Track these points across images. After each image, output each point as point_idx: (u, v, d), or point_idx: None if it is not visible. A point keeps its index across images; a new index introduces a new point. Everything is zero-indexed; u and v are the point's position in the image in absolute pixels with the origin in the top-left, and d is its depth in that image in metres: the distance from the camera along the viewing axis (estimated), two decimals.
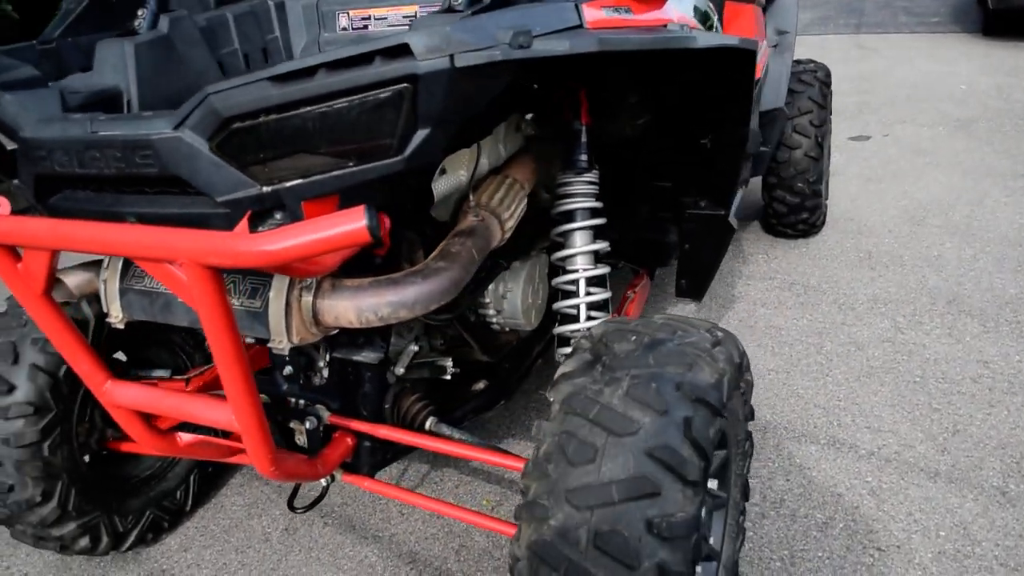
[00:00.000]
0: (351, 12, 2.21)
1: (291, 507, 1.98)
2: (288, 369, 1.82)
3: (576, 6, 1.30)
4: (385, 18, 2.18)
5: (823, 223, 3.81)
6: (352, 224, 1.09)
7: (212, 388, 2.13)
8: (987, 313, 3.08)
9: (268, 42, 2.23)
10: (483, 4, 1.44)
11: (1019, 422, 2.46)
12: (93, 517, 2.12)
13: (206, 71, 2.00)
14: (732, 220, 2.25)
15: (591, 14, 1.32)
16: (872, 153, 5.00)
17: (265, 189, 1.29)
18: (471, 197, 1.73)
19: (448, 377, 2.07)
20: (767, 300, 3.35)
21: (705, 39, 1.55)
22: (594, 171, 1.99)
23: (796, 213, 3.62)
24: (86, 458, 2.17)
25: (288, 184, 1.28)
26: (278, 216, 1.36)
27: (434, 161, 1.33)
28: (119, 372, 2.26)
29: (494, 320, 2.15)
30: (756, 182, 3.76)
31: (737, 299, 3.38)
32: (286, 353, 1.56)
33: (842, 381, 2.75)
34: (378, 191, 1.40)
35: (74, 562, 2.32)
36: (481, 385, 2.21)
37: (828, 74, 3.65)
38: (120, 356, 2.26)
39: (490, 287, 2.06)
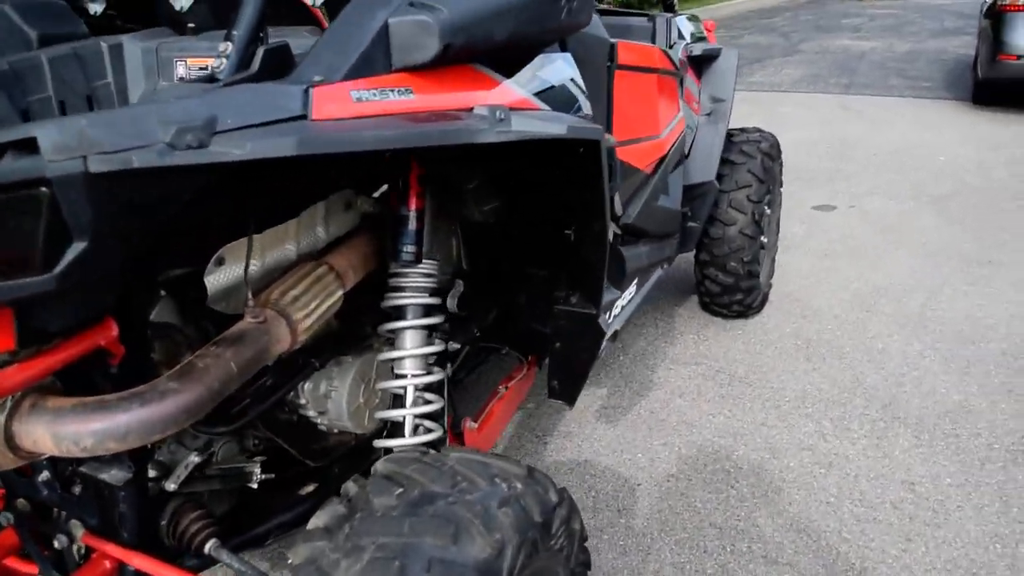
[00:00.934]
0: (189, 60, 1.96)
1: None
2: (45, 474, 1.55)
3: (306, 91, 1.04)
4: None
5: (761, 304, 3.54)
6: None
7: None
8: (923, 423, 2.79)
9: (96, 88, 1.97)
10: (249, 73, 1.20)
11: (936, 562, 2.16)
12: None
13: (2, 122, 1.75)
14: (603, 323, 1.97)
15: (329, 101, 1.06)
16: (834, 225, 4.73)
17: None
18: (249, 296, 1.46)
19: (254, 486, 1.79)
20: (686, 390, 3.06)
21: (519, 127, 1.29)
22: (428, 262, 1.72)
23: (730, 294, 3.34)
24: None
25: None
26: None
27: (101, 279, 1.07)
28: None
29: (318, 422, 1.87)
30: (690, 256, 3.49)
31: (655, 386, 3.10)
32: None
33: (747, 495, 2.45)
34: (68, 300, 1.14)
35: None
36: (311, 489, 1.93)
37: (774, 145, 3.39)
38: None
39: (306, 387, 1.79)
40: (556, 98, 1.61)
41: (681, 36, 2.92)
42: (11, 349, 1.13)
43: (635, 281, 2.56)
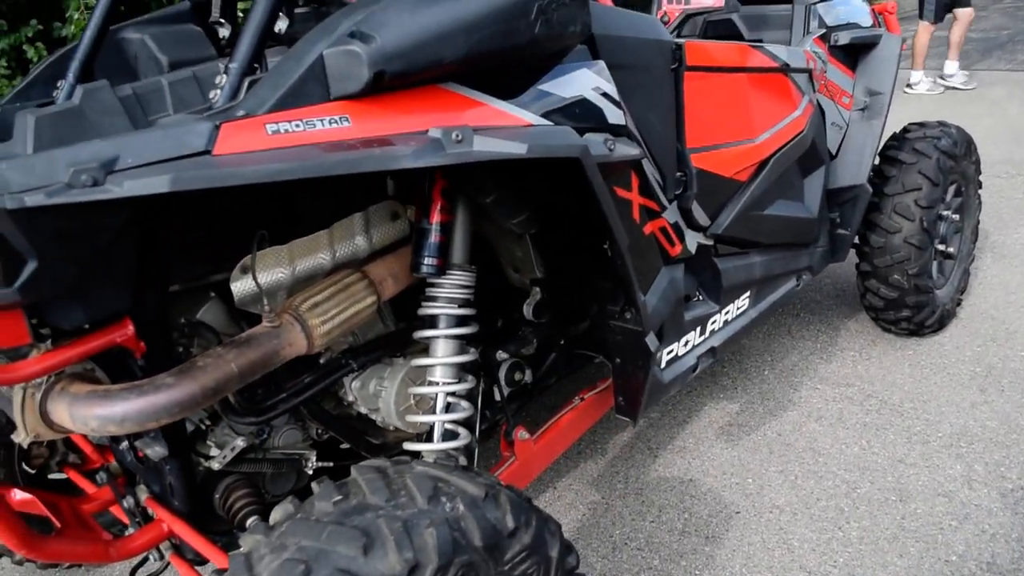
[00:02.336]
0: None
1: None
2: (125, 443, 1.81)
3: (215, 127, 1.12)
4: None
5: (940, 323, 3.10)
6: None
7: None
8: None
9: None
10: (234, 103, 1.32)
11: None
12: None
13: None
14: (651, 342, 1.87)
15: (238, 136, 1.13)
16: None
17: None
18: (264, 302, 1.58)
19: (309, 471, 1.95)
20: (826, 413, 2.79)
21: (479, 148, 1.28)
22: (460, 273, 1.75)
23: (895, 309, 2.98)
24: None
25: None
26: None
27: (57, 291, 1.23)
28: None
29: (375, 418, 1.98)
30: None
31: (792, 406, 2.85)
32: (24, 444, 1.53)
33: (854, 540, 2.20)
34: (74, 304, 1.34)
35: None
36: None
37: (959, 142, 2.94)
38: None
39: (354, 385, 1.90)
40: (572, 111, 1.57)
41: (823, 24, 2.64)
42: (27, 343, 1.35)
43: (746, 295, 2.40)
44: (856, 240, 2.94)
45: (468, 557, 1.28)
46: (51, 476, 2.27)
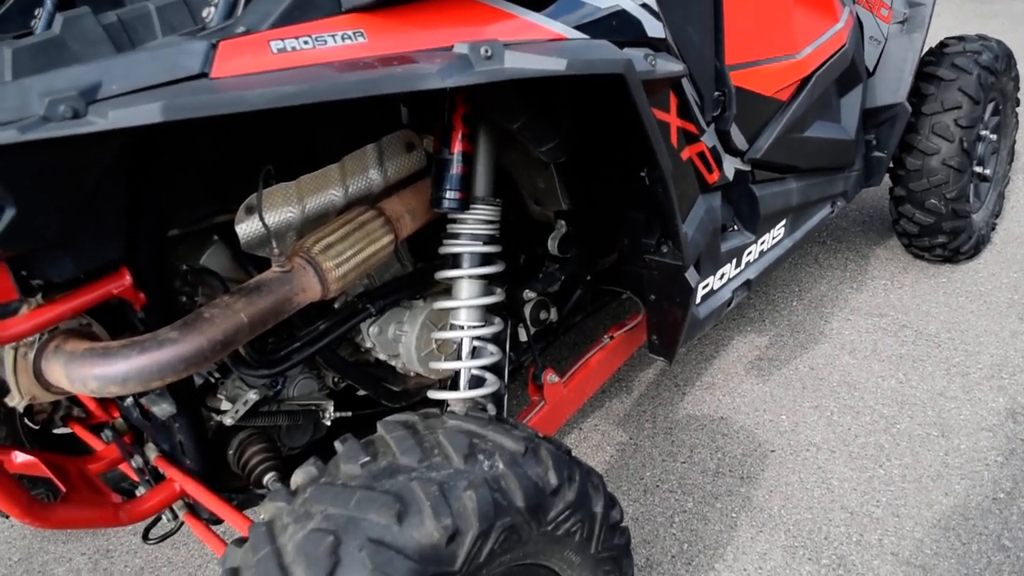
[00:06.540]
0: None
1: (144, 538, 1.88)
2: (131, 399, 1.70)
3: (212, 47, 0.96)
4: None
5: (976, 249, 2.96)
6: None
7: None
8: None
9: None
10: (230, 22, 1.15)
11: None
12: None
13: None
14: (691, 277, 1.74)
15: (238, 56, 0.97)
16: None
17: None
18: (273, 245, 1.44)
19: (327, 423, 1.85)
20: (859, 345, 2.67)
21: (511, 64, 1.13)
22: (484, 208, 1.61)
23: (930, 236, 2.83)
24: None
25: None
26: None
27: (40, 241, 1.10)
28: None
29: (395, 364, 1.86)
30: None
31: (824, 338, 2.74)
32: (20, 409, 1.42)
33: (895, 478, 2.11)
34: (62, 254, 1.20)
35: None
36: None
37: (1000, 56, 2.75)
38: None
39: (370, 330, 1.78)
40: (608, 24, 1.40)
41: None
42: (14, 298, 1.22)
43: (781, 223, 2.26)
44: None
45: (510, 519, 1.18)
46: (56, 431, 2.19)
